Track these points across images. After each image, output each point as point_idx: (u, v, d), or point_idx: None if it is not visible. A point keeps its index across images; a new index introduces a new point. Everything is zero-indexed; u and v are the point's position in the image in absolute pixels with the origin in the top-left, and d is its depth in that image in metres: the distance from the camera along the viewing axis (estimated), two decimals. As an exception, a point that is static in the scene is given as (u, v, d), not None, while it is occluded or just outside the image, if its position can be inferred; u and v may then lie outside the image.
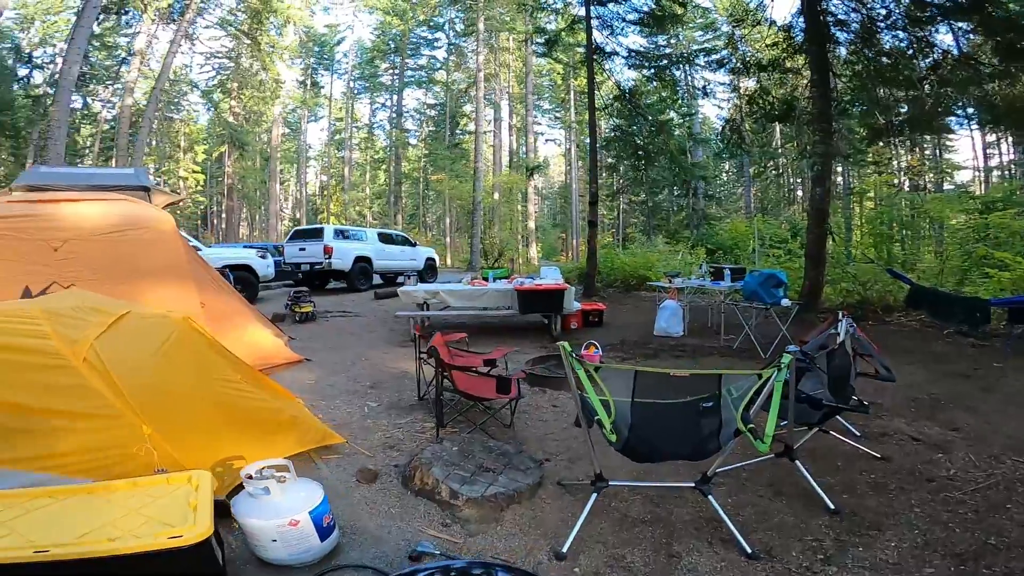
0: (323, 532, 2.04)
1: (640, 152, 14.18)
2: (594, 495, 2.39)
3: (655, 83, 12.73)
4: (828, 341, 3.22)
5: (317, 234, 12.70)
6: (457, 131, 33.66)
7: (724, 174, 33.78)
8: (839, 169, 19.69)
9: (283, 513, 1.95)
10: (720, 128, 15.75)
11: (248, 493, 2.00)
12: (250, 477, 1.99)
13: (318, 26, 34.66)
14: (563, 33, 12.68)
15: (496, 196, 27.46)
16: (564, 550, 2.17)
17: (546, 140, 38.54)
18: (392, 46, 33.40)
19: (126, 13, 20.74)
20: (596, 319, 7.87)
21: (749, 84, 11.40)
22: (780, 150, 25.55)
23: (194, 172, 30.99)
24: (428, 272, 15.56)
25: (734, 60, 10.12)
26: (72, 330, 2.17)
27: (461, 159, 31.44)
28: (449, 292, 6.89)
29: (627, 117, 12.99)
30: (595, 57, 11.18)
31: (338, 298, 11.72)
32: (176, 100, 29.07)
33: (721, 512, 2.29)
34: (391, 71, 34.69)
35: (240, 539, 2.12)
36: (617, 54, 11.59)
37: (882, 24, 7.87)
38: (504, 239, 25.68)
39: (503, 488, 2.55)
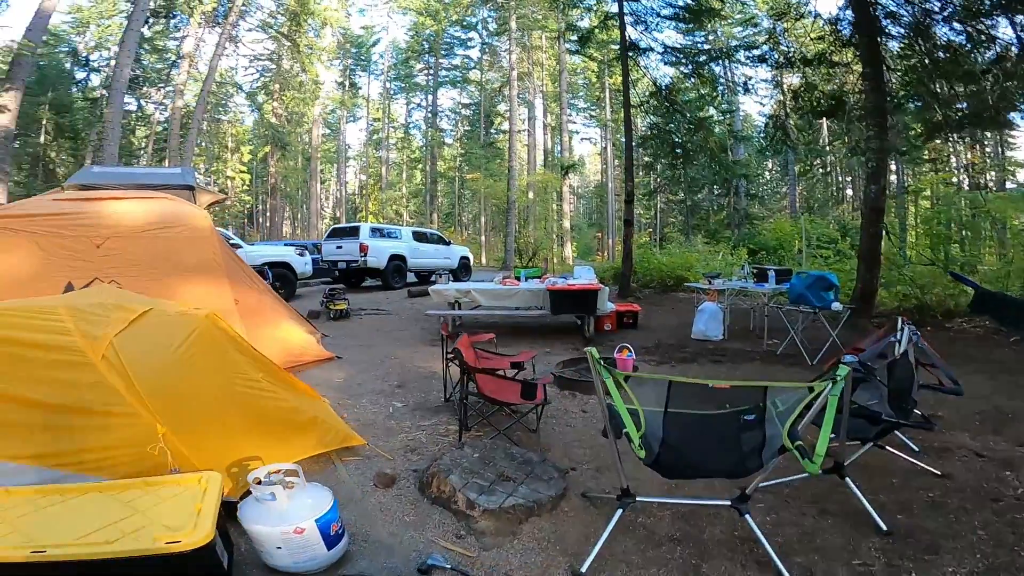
0: (330, 540, 1.95)
1: (678, 150, 13.72)
2: (619, 511, 2.22)
3: (693, 80, 12.31)
4: (887, 350, 2.93)
5: (353, 232, 12.87)
6: (492, 130, 33.72)
7: (767, 172, 32.60)
8: (892, 167, 18.62)
9: (288, 520, 1.87)
10: (763, 125, 15.13)
11: (255, 498, 1.93)
12: (259, 482, 1.92)
13: (354, 28, 35.58)
14: (596, 30, 12.40)
15: (531, 195, 27.31)
16: (584, 569, 2.01)
17: (581, 139, 38.28)
18: (426, 46, 33.79)
19: (174, 17, 21.62)
20: (631, 321, 7.62)
21: (793, 80, 10.91)
22: (828, 147, 24.40)
23: (241, 172, 32.10)
24: (462, 271, 15.57)
25: (776, 55, 9.69)
26: (93, 327, 2.15)
27: (496, 158, 31.47)
28: (480, 291, 6.79)
29: (664, 114, 12.59)
30: (629, 54, 10.89)
31: (373, 296, 11.84)
32: (223, 102, 30.14)
33: (758, 532, 2.09)
34: (426, 71, 35.07)
35: (250, 542, 2.06)
36: (652, 50, 11.27)
37: (937, 17, 7.36)
38: (538, 238, 25.50)
39: (523, 499, 2.41)
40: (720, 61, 12.98)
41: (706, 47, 14.29)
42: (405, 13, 33.79)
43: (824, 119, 13.06)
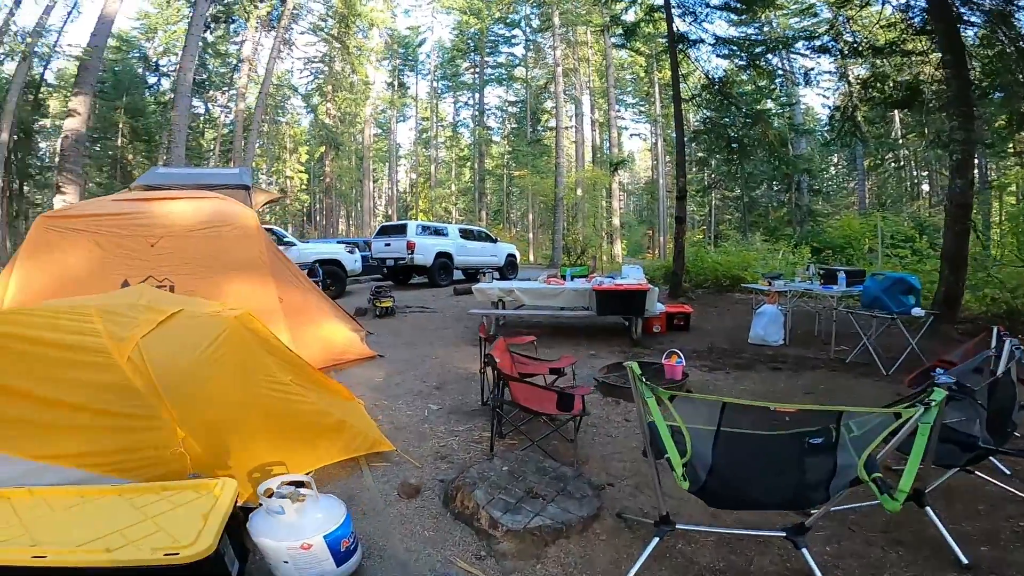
0: (340, 557, 1.84)
1: (734, 144, 13.02)
2: (656, 539, 2.00)
3: (749, 72, 11.62)
4: (983, 365, 2.55)
5: (401, 230, 12.99)
6: (539, 127, 33.50)
7: (832, 167, 30.69)
8: (974, 161, 16.99)
9: (296, 535, 1.78)
10: (827, 117, 14.13)
11: (265, 510, 1.85)
12: (270, 493, 1.83)
13: (400, 28, 36.21)
14: (641, 23, 11.89)
15: (579, 192, 26.89)
16: (612, 601, 1.81)
17: (631, 135, 37.43)
18: (471, 45, 33.89)
19: (233, 22, 22.64)
20: (682, 323, 7.24)
21: (859, 70, 10.12)
22: (900, 140, 22.63)
23: (299, 172, 33.30)
24: (509, 268, 15.45)
25: (840, 45, 8.99)
26: (122, 328, 2.14)
27: (543, 155, 31.23)
28: (524, 290, 6.62)
29: (717, 108, 11.96)
30: (678, 46, 10.38)
31: (419, 293, 11.91)
32: (281, 104, 31.36)
33: (815, 567, 1.83)
34: (472, 70, 35.18)
35: (267, 551, 1.98)
36: (703, 42, 10.67)
37: (1020, 3, 6.62)
38: (587, 236, 25.08)
39: (550, 520, 2.22)
40: (778, 52, 12.21)
41: (760, 38, 13.51)
42: (448, 12, 34.09)
43: (897, 110, 12.07)
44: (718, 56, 11.48)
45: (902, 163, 25.48)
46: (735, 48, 11.01)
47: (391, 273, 13.95)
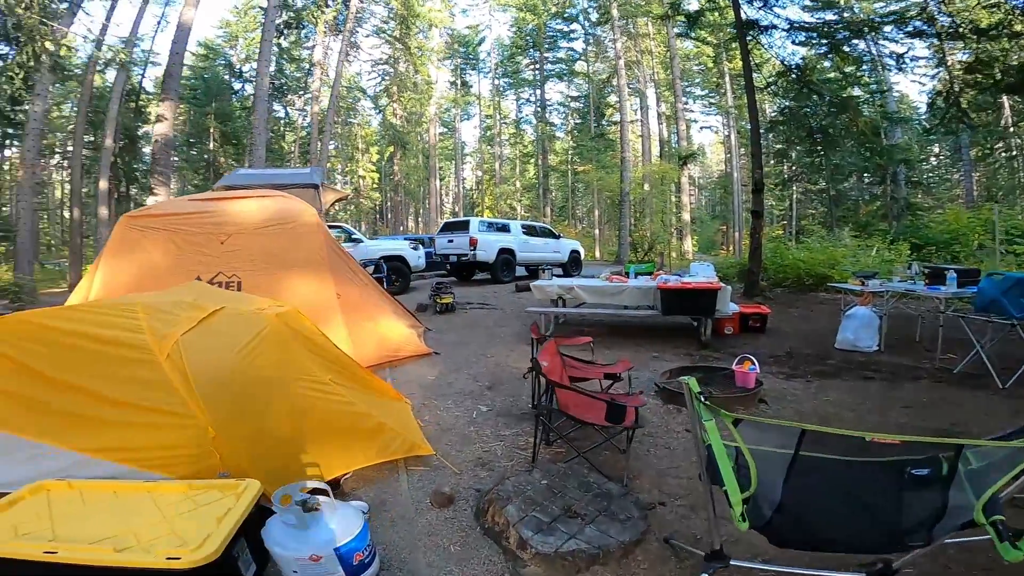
0: (352, 570, 1.75)
1: (817, 135, 11.99)
2: (704, 575, 1.73)
3: (832, 58, 10.62)
4: None
5: (464, 226, 13.06)
6: (603, 121, 32.87)
7: (933, 158, 27.78)
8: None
9: (305, 545, 1.70)
10: (928, 104, 12.68)
11: (279, 517, 1.77)
12: (288, 500, 1.75)
13: (460, 27, 36.66)
14: (705, 11, 11.15)
15: (646, 187, 25.96)
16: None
17: (701, 127, 35.92)
18: (530, 41, 33.81)
19: (304, 27, 23.78)
20: (758, 324, 6.70)
21: (960, 55, 8.95)
22: (1012, 128, 20.01)
23: (370, 171, 34.62)
24: (572, 265, 15.15)
25: (934, 28, 7.99)
26: (164, 325, 2.17)
27: (607, 149, 30.62)
28: (584, 288, 6.35)
29: (796, 96, 11.03)
30: (749, 33, 9.62)
31: (481, 289, 11.92)
32: (353, 107, 32.65)
33: None
34: (532, 66, 35.07)
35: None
36: (775, 28, 9.83)
37: None
38: (655, 232, 24.17)
39: (586, 543, 1.99)
40: (864, 37, 11.06)
41: (841, 23, 12.33)
42: (505, 10, 34.15)
43: (1007, 96, 10.63)
44: (794, 43, 10.57)
45: (1014, 152, 22.56)
46: (813, 35, 10.10)
47: (454, 269, 14.08)
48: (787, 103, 12.38)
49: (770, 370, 4.99)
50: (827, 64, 11.41)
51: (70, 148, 20.85)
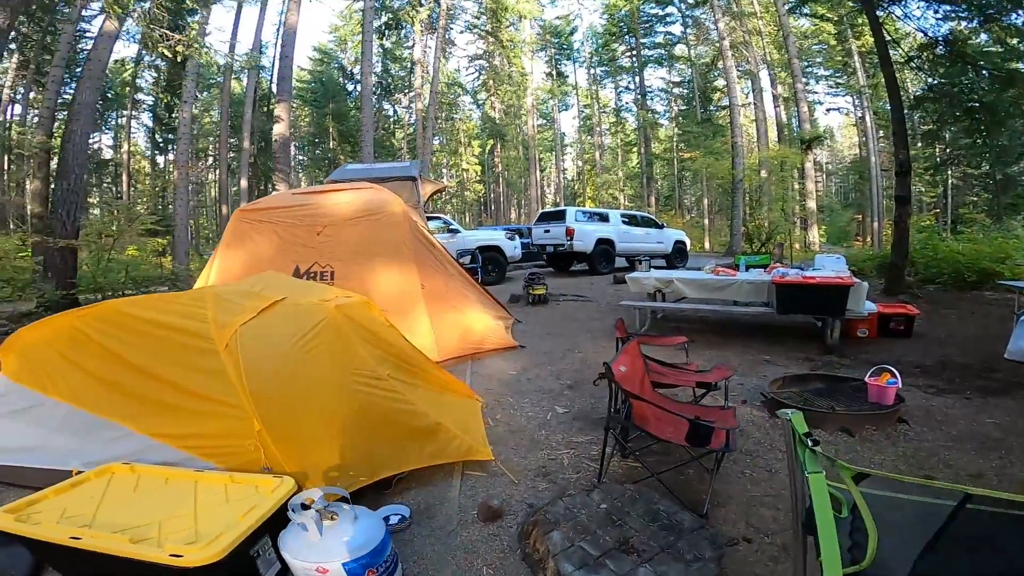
0: None
1: (978, 114, 9.99)
2: None
3: (989, 30, 8.71)
4: None
5: (560, 216, 12.72)
6: (711, 107, 30.91)
7: None
8: None
9: (314, 556, 1.59)
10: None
11: (294, 523, 1.65)
12: (309, 503, 1.62)
13: (550, 18, 35.93)
14: None
15: (763, 173, 23.71)
16: None
17: (827, 109, 32.20)
18: (624, 28, 32.38)
19: (403, 28, 24.71)
20: (901, 327, 5.67)
21: None
22: None
23: (473, 164, 35.43)
24: (677, 256, 14.21)
25: None
26: (227, 314, 2.17)
27: (716, 135, 28.55)
28: (685, 281, 5.78)
29: (948, 72, 9.23)
30: (880, 4, 8.14)
31: (577, 280, 11.55)
32: (454, 102, 33.51)
33: None
34: (628, 53, 33.61)
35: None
36: None
37: None
38: (774, 221, 22.02)
39: None
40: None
41: None
42: None
43: None
44: (936, 17, 8.86)
45: None
46: (959, 7, 8.36)
47: (551, 260, 13.83)
48: (936, 79, 10.49)
49: (915, 383, 4.16)
50: (985, 37, 9.43)
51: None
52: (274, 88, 21.95)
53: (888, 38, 8.82)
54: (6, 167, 22.30)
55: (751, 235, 21.85)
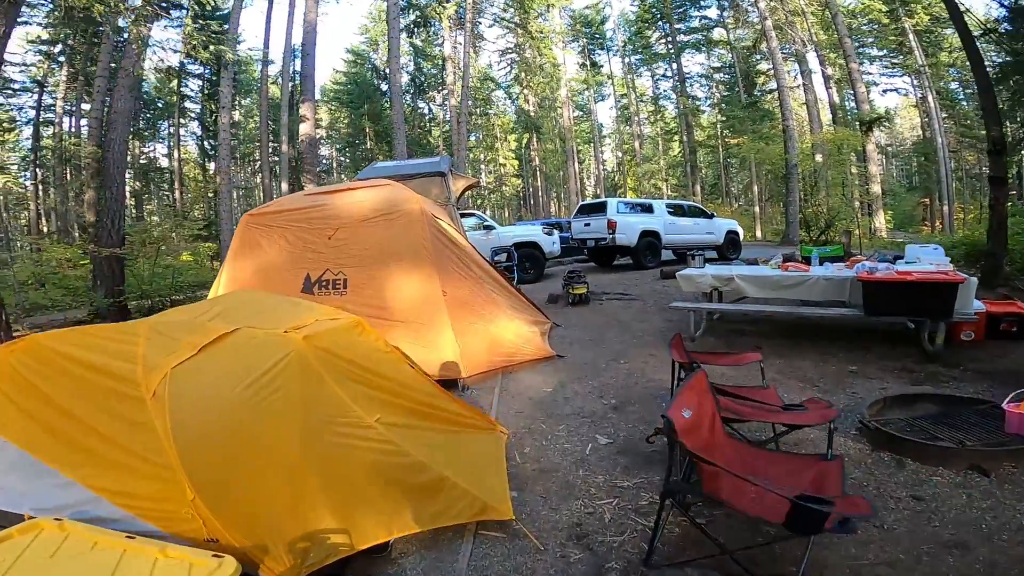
0: None
1: None
2: None
3: None
4: None
5: (601, 208, 11.96)
6: (755, 91, 29.43)
7: None
8: None
9: None
10: None
11: None
12: None
13: (579, 7, 35.15)
14: None
15: (818, 158, 22.16)
16: None
17: (883, 90, 29.99)
18: (657, 14, 31.05)
19: (432, 25, 24.33)
20: (1013, 328, 4.71)
21: None
22: None
23: (510, 159, 34.87)
24: (729, 247, 13.19)
25: None
26: (159, 353, 1.72)
27: (763, 119, 27.34)
28: (748, 278, 5.01)
29: None
30: None
31: (621, 276, 10.79)
32: (487, 97, 32.97)
33: None
34: (663, 40, 32.26)
35: None
36: None
37: None
38: (833, 206, 20.48)
39: None
40: None
41: None
42: None
43: None
44: None
45: None
46: None
47: (592, 255, 13.11)
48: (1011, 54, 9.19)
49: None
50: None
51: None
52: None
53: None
54: (67, 177, 23.37)
55: (808, 222, 20.43)
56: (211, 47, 11.40)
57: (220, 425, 1.71)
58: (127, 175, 26.18)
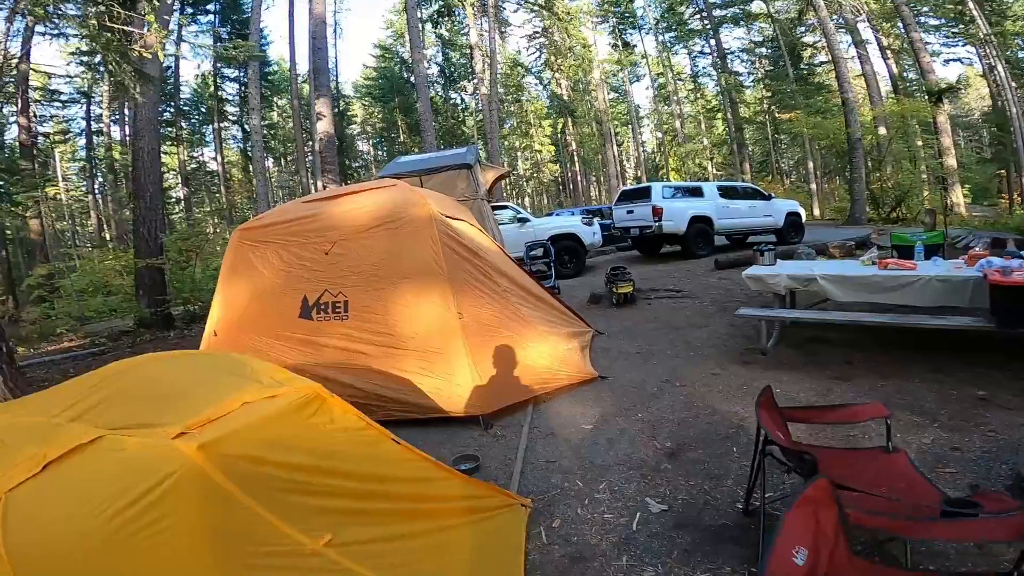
0: None
1: None
2: None
3: None
4: None
5: (644, 194, 10.96)
6: (801, 65, 27.81)
7: None
8: None
9: None
10: None
11: None
12: None
13: None
14: None
15: (881, 131, 20.28)
16: None
17: (945, 61, 27.87)
18: None
19: (455, 14, 23.48)
20: None
21: None
22: None
23: (546, 145, 33.90)
24: (791, 231, 11.93)
25: None
26: None
27: (816, 93, 26.11)
28: (836, 281, 4.08)
29: None
30: None
31: (670, 268, 9.83)
32: (519, 84, 32.06)
33: None
34: (698, 15, 30.52)
35: None
36: None
37: None
38: (902, 182, 18.65)
39: None
40: None
41: None
42: None
43: None
44: None
45: None
46: None
47: (636, 244, 12.15)
48: None
49: None
50: None
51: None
52: (347, 89, 21.77)
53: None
54: (117, 186, 24.11)
55: (876, 199, 18.76)
56: (236, 50, 11.04)
57: (74, 570, 1.09)
58: (171, 181, 27.09)
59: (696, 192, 11.29)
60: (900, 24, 22.70)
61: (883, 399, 3.37)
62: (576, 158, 35.22)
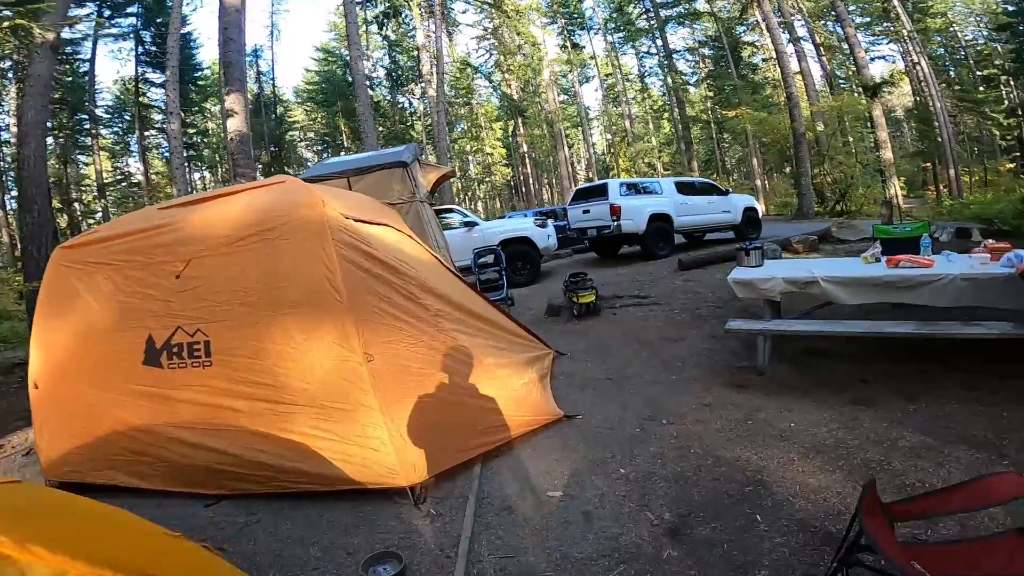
0: None
1: None
2: None
3: None
4: None
5: (601, 191, 10.27)
6: (741, 63, 28.71)
7: None
8: None
9: None
10: None
11: None
12: None
13: None
14: None
15: (820, 126, 20.79)
16: None
17: (870, 58, 29.69)
18: None
19: (401, 15, 22.56)
20: None
21: None
22: None
23: (497, 148, 33.16)
24: (749, 226, 11.55)
25: None
26: None
27: (757, 90, 27.10)
28: (840, 282, 3.38)
29: None
30: None
31: (631, 270, 9.11)
32: (469, 86, 31.28)
33: None
34: (645, 15, 30.86)
35: None
36: None
37: None
38: (847, 176, 19.03)
39: None
40: None
41: None
42: None
43: None
44: None
45: None
46: None
47: (594, 246, 11.47)
48: None
49: None
50: None
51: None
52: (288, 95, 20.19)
53: None
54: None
55: (821, 193, 19.10)
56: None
57: None
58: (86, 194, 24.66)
59: (652, 190, 10.71)
60: (834, 21, 23.49)
61: (923, 428, 2.67)
62: (528, 160, 34.73)
